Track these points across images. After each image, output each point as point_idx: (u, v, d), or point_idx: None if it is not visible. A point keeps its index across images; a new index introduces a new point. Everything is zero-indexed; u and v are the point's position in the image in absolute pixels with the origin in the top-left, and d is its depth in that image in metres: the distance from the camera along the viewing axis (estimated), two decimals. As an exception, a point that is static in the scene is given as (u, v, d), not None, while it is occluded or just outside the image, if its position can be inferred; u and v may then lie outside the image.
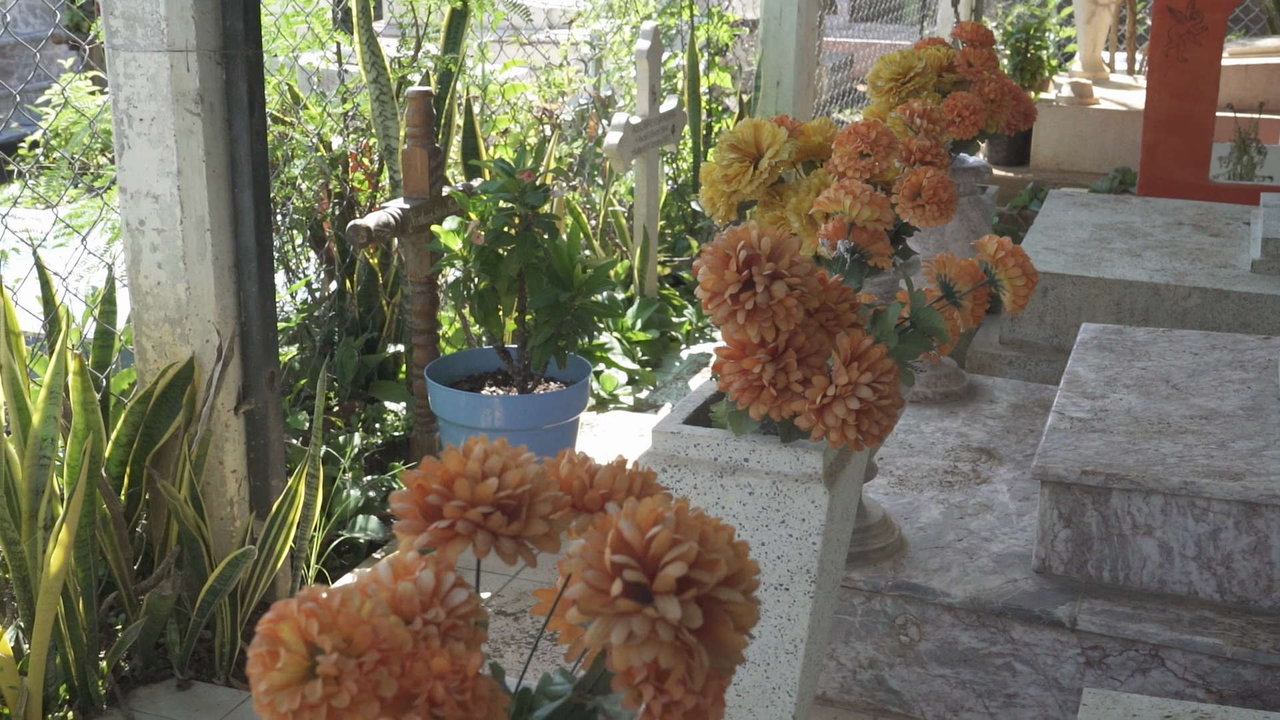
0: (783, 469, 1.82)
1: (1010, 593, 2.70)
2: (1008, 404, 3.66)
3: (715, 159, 2.49)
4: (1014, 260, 1.93)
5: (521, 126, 4.99)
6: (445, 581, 1.05)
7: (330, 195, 3.96)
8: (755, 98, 6.05)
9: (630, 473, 1.21)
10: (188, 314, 2.90)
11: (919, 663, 2.75)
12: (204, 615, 2.74)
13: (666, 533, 0.99)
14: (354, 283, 4.04)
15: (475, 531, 1.07)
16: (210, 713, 2.71)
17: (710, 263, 1.65)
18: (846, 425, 1.67)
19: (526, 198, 3.38)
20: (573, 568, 1.00)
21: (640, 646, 0.97)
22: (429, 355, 3.73)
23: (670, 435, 1.88)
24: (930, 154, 2.57)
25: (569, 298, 3.43)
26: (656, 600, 0.98)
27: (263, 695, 0.95)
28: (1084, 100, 8.50)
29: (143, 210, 2.88)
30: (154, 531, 2.93)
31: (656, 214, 5.23)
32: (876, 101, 3.24)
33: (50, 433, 2.53)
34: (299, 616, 0.96)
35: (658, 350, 4.92)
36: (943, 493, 3.11)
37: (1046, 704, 2.68)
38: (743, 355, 1.72)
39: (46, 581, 2.48)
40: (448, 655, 1.00)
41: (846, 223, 1.99)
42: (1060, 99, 8.53)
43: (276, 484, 3.03)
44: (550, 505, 1.10)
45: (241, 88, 2.85)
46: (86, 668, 2.67)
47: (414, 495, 1.09)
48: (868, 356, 1.69)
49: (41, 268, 2.88)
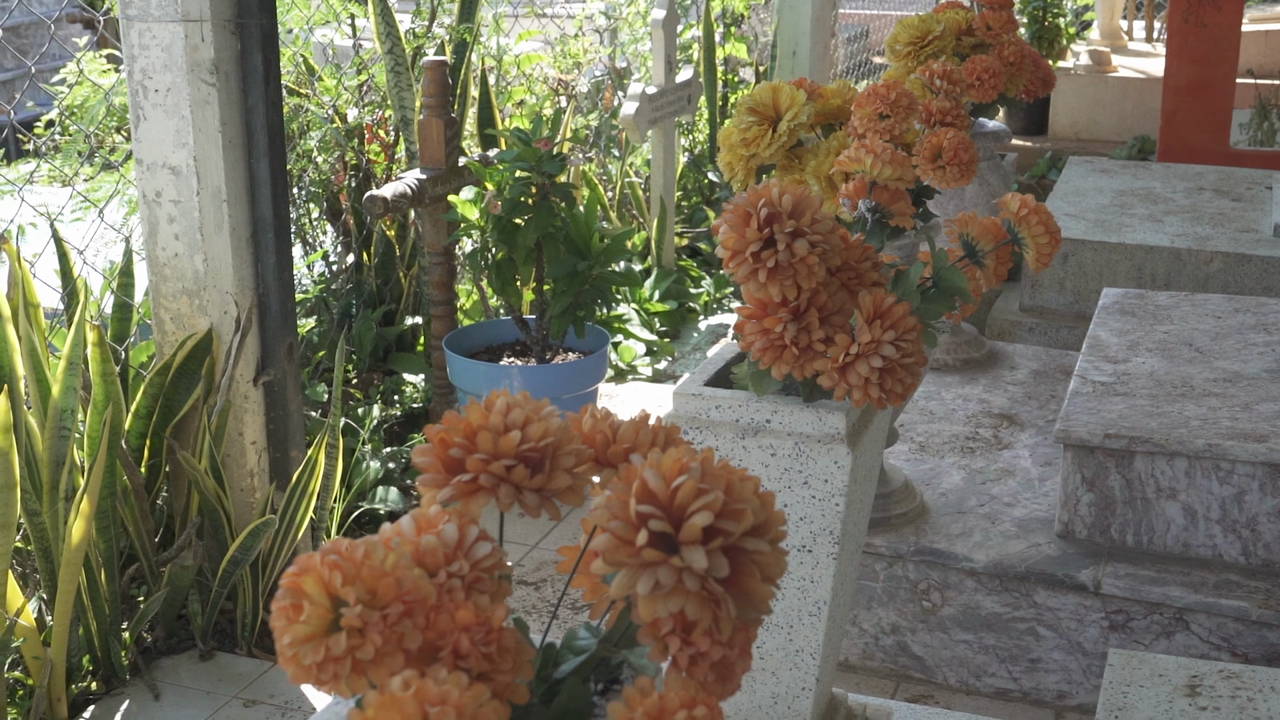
0: (805, 430, 1.80)
1: (1033, 557, 2.68)
2: (1029, 370, 3.64)
3: (733, 122, 2.47)
4: (1037, 218, 1.91)
5: (537, 98, 4.97)
6: (469, 535, 1.05)
7: (346, 167, 3.95)
8: (771, 68, 6.02)
9: (654, 427, 1.19)
10: (205, 285, 2.89)
11: (941, 628, 2.74)
12: (225, 586, 2.74)
13: (692, 482, 0.98)
14: (371, 255, 4.03)
15: (498, 485, 1.06)
16: (233, 683, 2.71)
17: (731, 221, 1.63)
18: (870, 384, 1.65)
19: (543, 166, 3.36)
20: (597, 519, 0.99)
21: (666, 597, 0.96)
22: (447, 326, 3.72)
23: (691, 397, 1.86)
24: (950, 115, 2.54)
25: (587, 267, 3.42)
26: (682, 550, 0.96)
27: (287, 648, 0.94)
28: (1102, 68, 8.44)
29: (159, 182, 2.87)
30: (174, 503, 2.93)
31: (673, 185, 5.21)
32: (895, 66, 3.21)
33: (70, 404, 2.53)
34: (322, 569, 0.95)
35: (676, 321, 4.91)
36: (964, 459, 3.09)
37: (1070, 668, 2.66)
38: (764, 315, 1.70)
39: (68, 552, 2.48)
40: (472, 608, 0.99)
41: (868, 182, 1.97)
42: (1078, 67, 8.47)
43: (296, 455, 3.03)
44: (574, 459, 1.09)
45: (256, 57, 2.84)
46: (109, 638, 2.68)
47: (436, 449, 1.08)
48: (891, 314, 1.67)
49: (59, 241, 2.88)
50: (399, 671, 0.94)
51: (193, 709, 2.62)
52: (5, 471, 2.32)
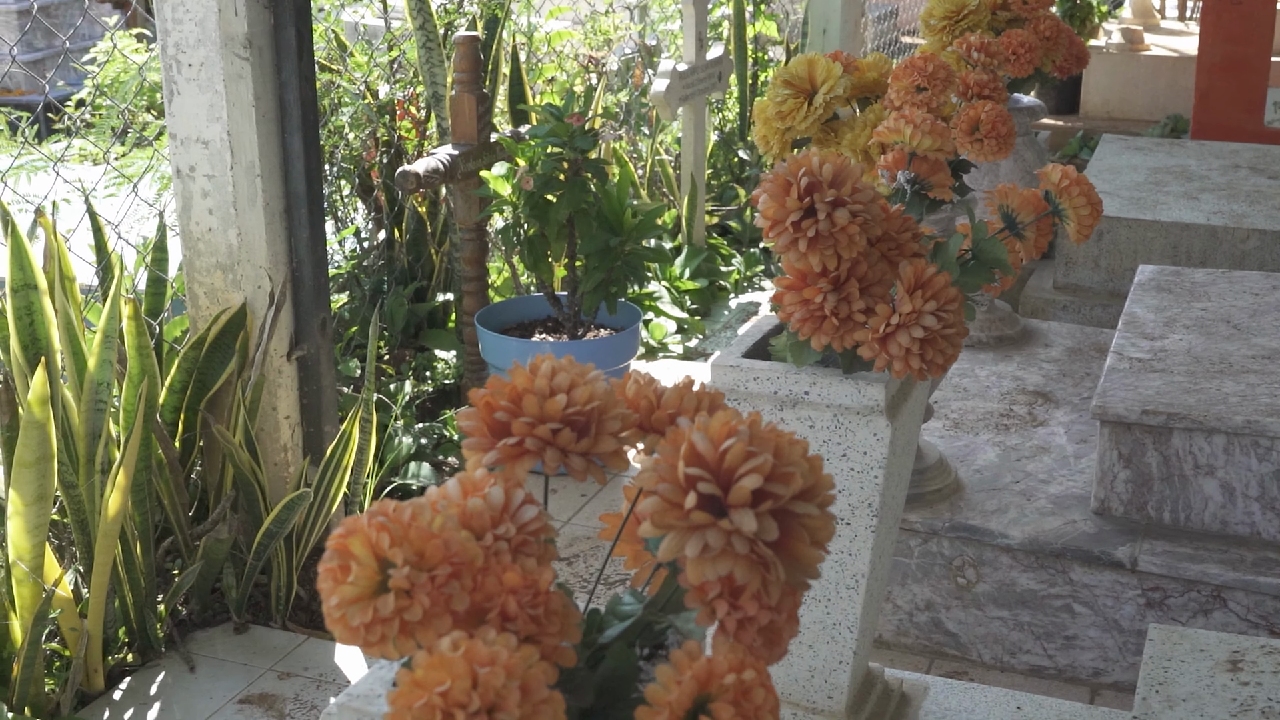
0: (844, 401, 1.79)
1: (1069, 534, 2.67)
2: (1063, 348, 3.61)
3: (769, 95, 2.46)
4: (1079, 189, 1.89)
5: (568, 75, 4.96)
6: (515, 498, 1.04)
7: (378, 144, 3.95)
8: (802, 45, 5.99)
9: (697, 393, 1.19)
10: (239, 260, 2.89)
11: (976, 605, 2.73)
12: (260, 559, 2.75)
13: (741, 445, 0.97)
14: (402, 231, 4.03)
15: (544, 448, 1.05)
16: (267, 655, 2.72)
17: (771, 190, 1.62)
18: (911, 354, 1.64)
19: (576, 142, 3.35)
20: (645, 481, 0.98)
21: (715, 560, 0.95)
22: (479, 303, 3.72)
23: (730, 369, 1.86)
24: (988, 88, 2.52)
25: (619, 243, 3.41)
26: (731, 513, 0.96)
27: (334, 609, 0.94)
28: (1135, 47, 8.37)
29: (193, 156, 2.87)
30: (208, 477, 2.94)
31: (704, 162, 5.19)
32: (929, 40, 3.20)
33: (106, 377, 2.53)
34: (370, 530, 0.95)
35: (706, 299, 4.90)
36: (999, 435, 3.08)
37: (1106, 645, 2.65)
38: (804, 285, 1.69)
39: (104, 524, 2.49)
40: (519, 570, 0.98)
41: (907, 153, 1.96)
42: (1110, 46, 8.41)
43: (329, 430, 3.04)
44: (619, 422, 1.08)
45: (290, 31, 2.84)
46: (145, 611, 2.69)
47: (481, 413, 1.07)
48: (932, 285, 1.66)
49: (94, 215, 2.88)
50: (446, 633, 0.94)
51: (228, 681, 2.63)
52: (42, 444, 2.33)
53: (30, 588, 2.40)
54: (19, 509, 2.34)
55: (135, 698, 2.58)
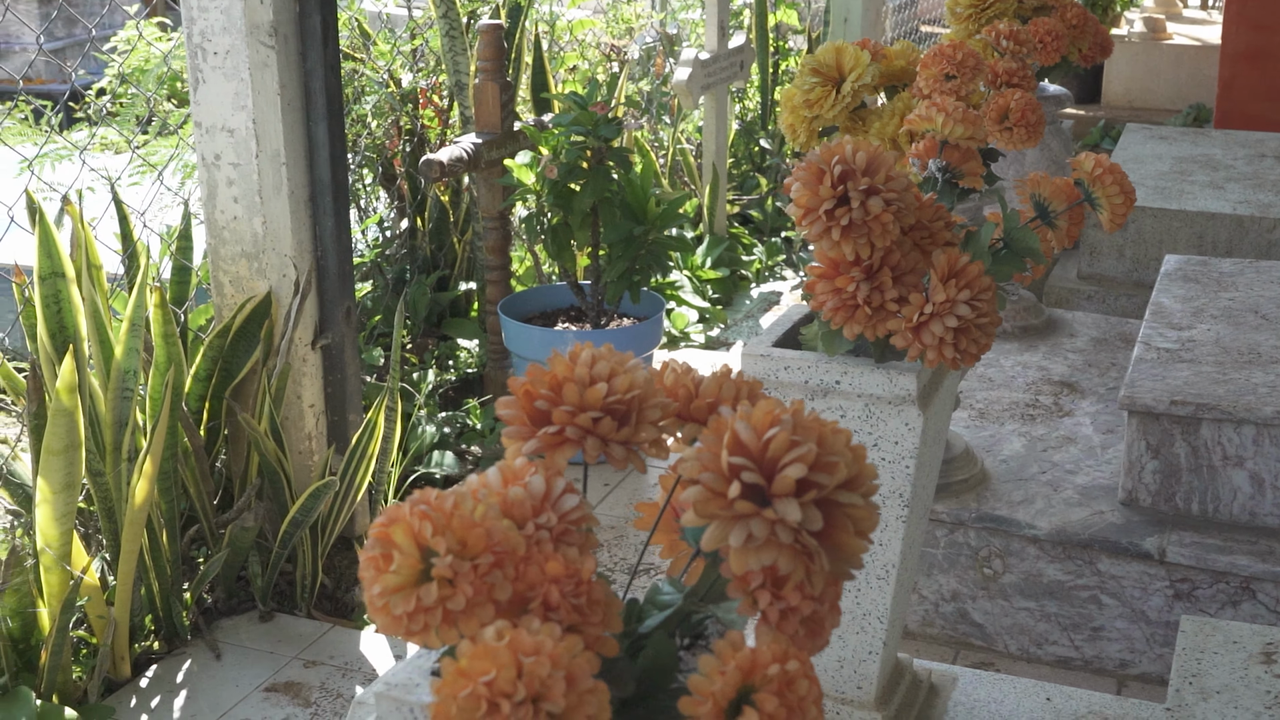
0: (875, 391, 1.78)
1: (1096, 525, 2.65)
2: (1088, 338, 3.60)
3: (796, 83, 2.44)
4: (1112, 177, 1.88)
5: (590, 64, 4.95)
6: (556, 487, 1.04)
7: (400, 132, 3.94)
8: (824, 33, 5.97)
9: (736, 381, 1.18)
10: (264, 248, 2.89)
11: (1003, 595, 2.72)
12: (286, 547, 2.75)
13: (784, 434, 0.97)
14: (425, 220, 4.03)
15: (584, 437, 1.05)
16: (293, 644, 2.72)
17: (803, 178, 1.61)
18: (944, 344, 1.63)
19: (600, 130, 3.34)
20: (687, 470, 0.98)
21: (759, 549, 0.95)
22: (501, 291, 3.71)
23: (760, 358, 1.85)
24: (1017, 76, 2.50)
25: (643, 232, 3.40)
26: (775, 503, 0.95)
27: (377, 598, 0.94)
28: (1157, 35, 8.33)
29: (218, 144, 2.87)
30: (233, 465, 2.94)
31: (725, 151, 5.18)
32: (955, 28, 3.18)
33: (132, 365, 2.54)
34: (412, 519, 0.94)
35: (728, 288, 4.89)
36: (1024, 425, 3.07)
37: (1134, 637, 2.64)
38: (836, 274, 1.68)
39: (131, 512, 2.49)
40: (562, 559, 0.98)
41: (939, 141, 1.95)
42: (1132, 34, 8.37)
43: (354, 419, 3.04)
44: (659, 411, 1.08)
45: (315, 19, 2.83)
46: (171, 599, 2.69)
47: (521, 401, 1.07)
48: (965, 274, 1.65)
49: (119, 204, 2.88)
50: (489, 622, 0.93)
51: (254, 669, 2.64)
52: (70, 432, 2.33)
53: (58, 575, 2.41)
54: (47, 496, 2.35)
55: (162, 685, 2.59)
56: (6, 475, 2.62)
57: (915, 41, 9.89)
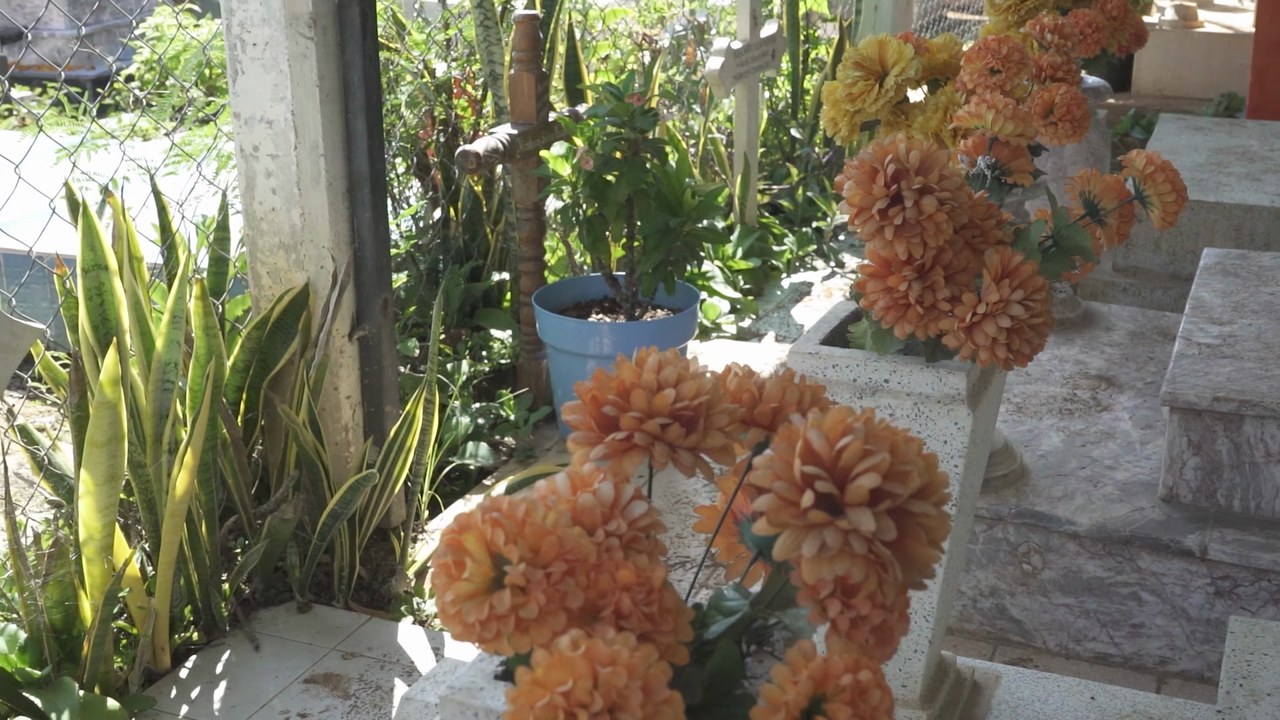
0: (925, 390, 1.78)
1: (1137, 521, 2.64)
2: (1125, 331, 3.58)
3: (839, 77, 2.43)
4: (1164, 175, 1.86)
5: (621, 53, 4.93)
6: (624, 493, 1.03)
7: (434, 122, 3.94)
8: (856, 22, 5.94)
9: (799, 385, 1.17)
10: (302, 240, 2.89)
11: (1041, 591, 2.71)
12: (324, 539, 2.76)
13: (858, 443, 0.96)
14: (458, 210, 4.02)
15: (653, 443, 1.04)
16: (331, 635, 2.73)
17: (857, 177, 1.60)
18: (997, 344, 1.62)
19: (636, 122, 3.33)
20: (760, 479, 0.97)
21: (833, 560, 0.94)
22: (536, 282, 3.71)
23: (808, 356, 1.84)
24: (1061, 70, 2.49)
25: (678, 223, 3.39)
26: (849, 512, 0.95)
27: (449, 605, 0.94)
28: (1188, 23, 8.27)
29: (257, 136, 2.88)
30: (270, 456, 2.95)
31: (756, 141, 5.16)
32: (995, 20, 3.16)
33: (173, 357, 2.54)
34: (484, 527, 0.94)
35: (759, 279, 4.88)
36: (1063, 420, 3.05)
37: (1174, 634, 2.63)
38: (888, 273, 1.67)
39: (172, 504, 2.50)
40: (633, 567, 0.98)
41: (988, 138, 1.93)
42: (1163, 22, 8.31)
43: (390, 410, 3.04)
44: (727, 417, 1.07)
45: (354, 10, 2.83)
46: (209, 590, 2.70)
47: (589, 407, 1.06)
48: (1019, 273, 1.64)
49: (158, 195, 2.89)
50: (561, 630, 0.93)
51: (293, 660, 2.65)
52: (113, 424, 2.34)
53: (100, 567, 2.42)
54: (90, 489, 2.36)
55: (201, 676, 2.60)
56: (48, 467, 2.63)
57: (943, 28, 9.85)
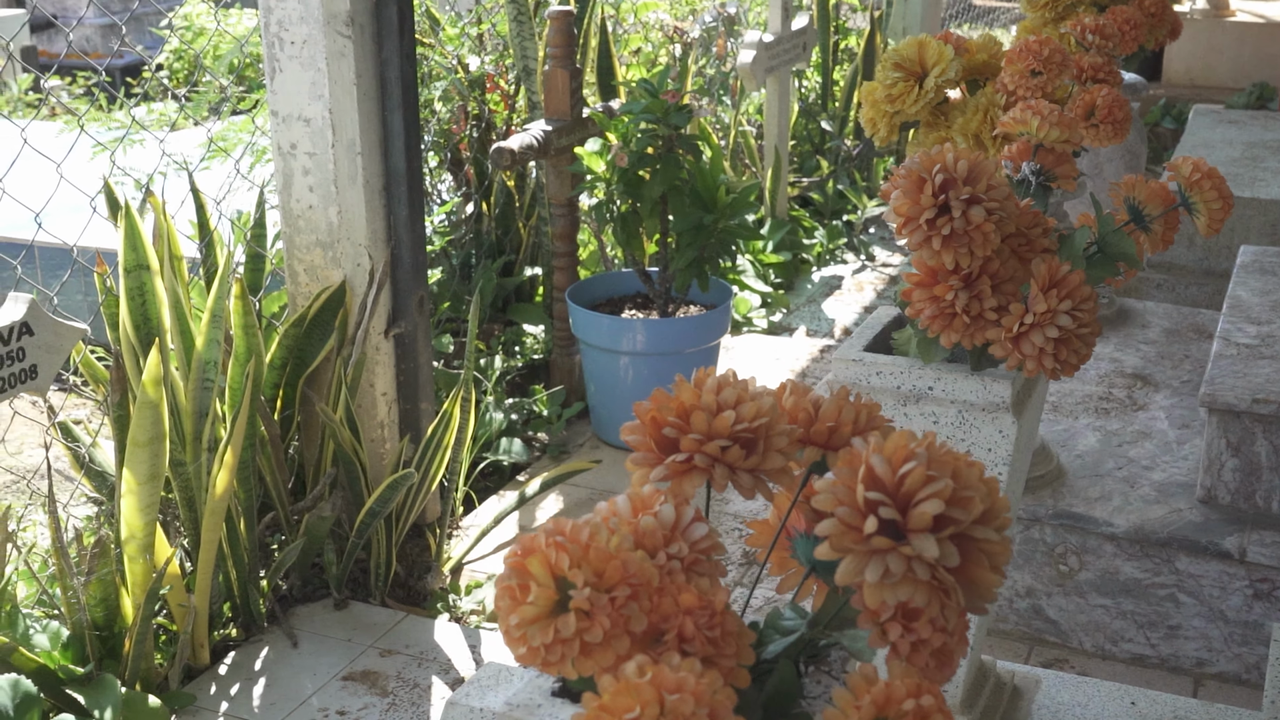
0: (969, 398, 1.78)
1: (1175, 523, 2.64)
2: (1160, 329, 3.56)
3: (878, 77, 2.43)
4: (1210, 182, 1.85)
5: (653, 46, 4.93)
6: (685, 515, 1.04)
7: (468, 117, 3.95)
8: (887, 13, 5.92)
9: (855, 404, 1.18)
10: (339, 238, 2.90)
11: (1078, 592, 2.71)
12: (362, 537, 2.77)
13: (920, 469, 0.96)
14: (491, 205, 4.03)
15: (713, 465, 1.05)
16: (368, 632, 2.75)
17: (904, 187, 1.60)
18: (1044, 354, 1.62)
19: (670, 118, 3.33)
20: (823, 504, 0.98)
21: (896, 585, 0.95)
22: (569, 278, 3.71)
23: (852, 363, 1.84)
24: (1103, 71, 2.48)
25: (712, 220, 3.39)
26: (912, 538, 0.95)
27: (514, 629, 0.94)
28: (1220, 12, 8.22)
29: (294, 134, 2.88)
30: (306, 452, 2.96)
31: (787, 134, 5.15)
32: (1031, 16, 3.14)
33: (213, 355, 2.55)
34: (549, 551, 0.95)
35: (789, 272, 4.87)
36: (1099, 420, 3.04)
37: (1211, 636, 2.62)
38: (934, 282, 1.67)
39: (212, 502, 2.51)
40: (695, 591, 0.98)
41: (1033, 144, 1.93)
42: (1194, 11, 8.26)
43: (426, 407, 3.05)
44: (786, 438, 1.07)
45: (391, 9, 2.83)
46: (248, 586, 2.72)
47: (649, 428, 1.07)
48: (1066, 283, 1.63)
49: (197, 192, 2.90)
50: (625, 655, 0.94)
51: (331, 657, 2.66)
52: (156, 424, 2.35)
53: (141, 565, 2.43)
54: (132, 488, 2.37)
55: (240, 673, 2.62)
56: (89, 464, 2.65)
57: (972, 17, 9.82)
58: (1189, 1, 8.48)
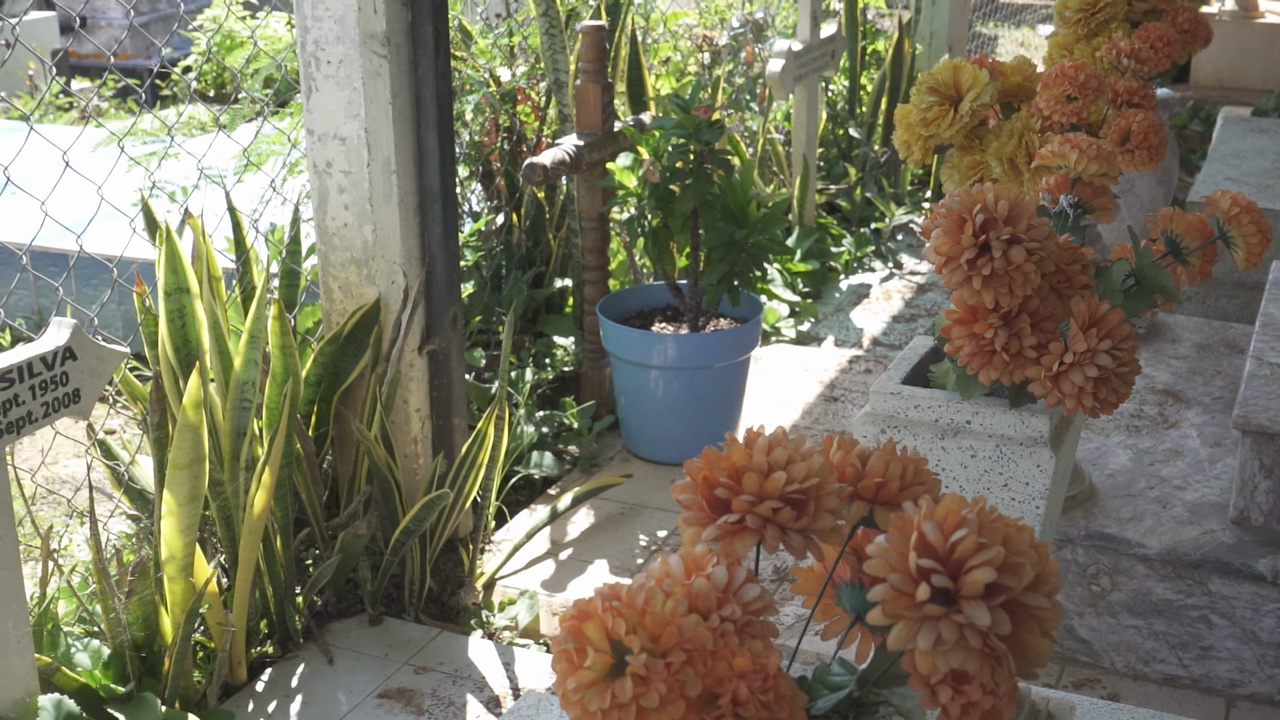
0: (1007, 432, 1.78)
1: (1208, 544, 2.64)
2: (1191, 343, 3.56)
3: (913, 101, 2.43)
4: (1249, 217, 1.86)
5: (682, 54, 4.94)
6: (737, 577, 1.05)
7: (499, 129, 3.96)
8: (915, 19, 5.92)
9: (902, 459, 1.19)
10: (374, 255, 2.93)
11: (1110, 613, 2.71)
12: (397, 555, 2.79)
13: (972, 537, 0.97)
14: (521, 217, 4.05)
15: (764, 526, 1.06)
16: (402, 648, 2.77)
17: (945, 226, 1.61)
18: (1084, 393, 1.63)
19: (702, 134, 3.34)
20: (875, 569, 0.99)
21: (948, 652, 0.96)
22: (599, 291, 3.73)
23: (890, 396, 1.85)
24: (1138, 95, 2.48)
25: (743, 235, 3.40)
26: (964, 605, 0.96)
27: (572, 693, 0.96)
28: (1249, 14, 8.19)
29: (330, 152, 2.91)
30: (340, 467, 2.98)
31: (815, 142, 5.16)
32: (1064, 32, 3.14)
33: (251, 376, 2.58)
34: (605, 616, 0.96)
35: (817, 281, 4.88)
36: (1130, 437, 3.05)
37: (1243, 657, 2.63)
38: (973, 320, 1.68)
39: (250, 522, 2.54)
40: (748, 654, 0.99)
41: (1071, 178, 1.94)
42: (1223, 13, 8.23)
43: (459, 423, 3.07)
44: (836, 499, 1.09)
45: (427, 29, 2.85)
46: (284, 603, 2.74)
47: (701, 488, 1.08)
48: (1106, 322, 1.64)
49: (233, 211, 2.92)
50: (679, 718, 0.95)
51: (366, 674, 2.68)
52: (195, 446, 2.38)
53: (181, 585, 2.46)
54: (172, 509, 2.40)
55: (277, 690, 2.64)
56: (128, 483, 2.68)
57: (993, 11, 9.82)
58: (1218, 3, 8.44)
